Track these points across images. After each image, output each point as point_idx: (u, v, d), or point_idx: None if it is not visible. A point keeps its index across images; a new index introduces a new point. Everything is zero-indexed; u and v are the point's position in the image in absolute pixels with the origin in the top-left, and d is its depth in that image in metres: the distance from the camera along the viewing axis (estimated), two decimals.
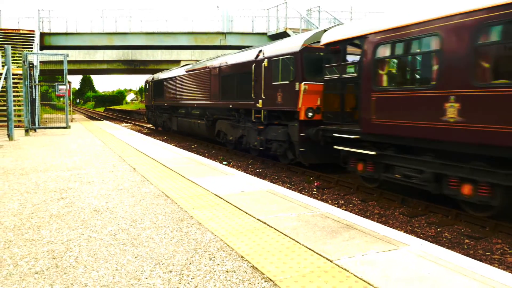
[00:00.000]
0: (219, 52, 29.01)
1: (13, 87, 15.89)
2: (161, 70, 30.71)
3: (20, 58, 18.31)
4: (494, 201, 6.49)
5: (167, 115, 24.21)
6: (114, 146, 11.95)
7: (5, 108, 14.90)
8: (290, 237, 3.90)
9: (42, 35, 28.02)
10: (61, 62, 17.35)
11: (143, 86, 33.56)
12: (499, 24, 6.04)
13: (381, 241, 3.79)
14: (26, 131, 15.57)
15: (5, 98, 14.49)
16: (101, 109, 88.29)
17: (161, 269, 3.19)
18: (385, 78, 8.29)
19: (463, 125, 6.50)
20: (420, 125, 7.25)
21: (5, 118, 14.62)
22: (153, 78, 27.44)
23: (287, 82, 11.27)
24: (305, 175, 11.15)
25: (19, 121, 18.10)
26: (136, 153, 10.34)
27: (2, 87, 14.70)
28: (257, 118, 12.77)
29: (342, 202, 8.62)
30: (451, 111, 6.68)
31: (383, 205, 8.27)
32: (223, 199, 5.41)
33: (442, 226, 7.00)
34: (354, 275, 3.05)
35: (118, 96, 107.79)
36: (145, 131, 27.33)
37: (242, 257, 3.44)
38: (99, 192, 5.88)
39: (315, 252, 3.53)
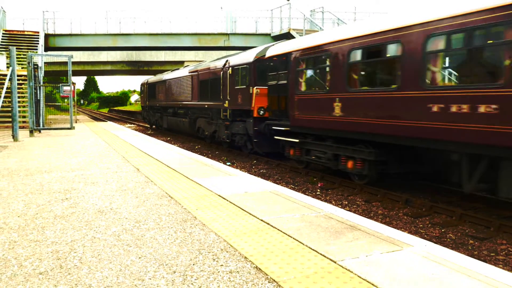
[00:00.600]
0: (223, 52, 29.05)
1: (18, 88, 15.97)
2: (165, 71, 30.82)
3: (25, 59, 18.42)
4: (364, 172, 9.11)
5: (159, 115, 27.13)
6: (118, 146, 11.99)
7: (10, 109, 14.96)
8: (293, 238, 3.90)
9: (47, 36, 28.14)
10: (65, 63, 17.52)
11: (139, 88, 35.59)
12: (359, 49, 8.87)
13: (385, 242, 3.78)
14: (31, 132, 15.64)
15: (10, 99, 14.55)
16: (105, 110, 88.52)
17: (164, 270, 3.20)
18: (303, 84, 11.04)
19: (344, 118, 9.29)
20: (323, 119, 9.98)
21: (10, 119, 14.67)
22: (147, 81, 30.28)
23: (245, 86, 13.89)
24: (308, 176, 11.14)
25: (23, 122, 18.20)
26: (140, 153, 10.36)
27: (7, 88, 14.77)
28: (225, 116, 15.51)
29: (346, 202, 8.60)
30: (337, 108, 9.48)
31: (387, 205, 8.25)
32: (227, 200, 5.42)
33: (446, 226, 6.98)
34: (358, 276, 3.05)
35: (122, 97, 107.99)
36: (149, 132, 27.39)
37: (245, 258, 3.44)
38: (103, 192, 5.90)
39: (318, 253, 3.52)
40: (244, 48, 23.40)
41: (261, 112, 13.28)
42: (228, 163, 13.12)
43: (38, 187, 6.26)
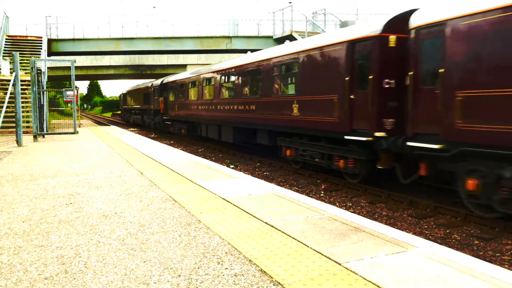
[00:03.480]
0: (226, 56, 29.12)
1: (22, 94, 16.03)
2: (167, 75, 30.98)
3: (28, 65, 18.48)
4: (186, 133, 22.59)
5: (128, 114, 42.37)
6: (121, 151, 12.01)
7: (13, 114, 15.02)
8: (298, 240, 3.89)
9: (50, 41, 28.26)
10: (68, 68, 17.48)
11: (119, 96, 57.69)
12: (177, 85, 23.60)
13: (390, 243, 3.77)
14: (35, 137, 15.70)
15: (13, 105, 14.60)
16: (108, 114, 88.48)
17: (169, 274, 3.20)
18: (170, 97, 24.17)
19: (178, 112, 22.68)
20: (175, 113, 23.20)
21: (14, 124, 14.72)
22: (123, 91, 45.79)
23: (157, 97, 26.70)
24: (312, 178, 11.13)
25: (27, 127, 18.24)
26: (144, 157, 10.38)
27: (11, 93, 14.83)
28: (152, 113, 29.01)
29: (350, 204, 8.59)
30: (177, 107, 23.05)
31: (391, 207, 8.23)
32: (231, 203, 5.42)
33: (451, 227, 6.96)
34: (363, 278, 3.04)
35: None
36: (152, 136, 27.43)
37: (250, 260, 3.44)
38: (107, 197, 5.91)
39: (323, 255, 3.52)
40: (246, 51, 23.48)
41: (164, 111, 25.69)
42: (232, 166, 13.13)
43: (42, 192, 6.28)
